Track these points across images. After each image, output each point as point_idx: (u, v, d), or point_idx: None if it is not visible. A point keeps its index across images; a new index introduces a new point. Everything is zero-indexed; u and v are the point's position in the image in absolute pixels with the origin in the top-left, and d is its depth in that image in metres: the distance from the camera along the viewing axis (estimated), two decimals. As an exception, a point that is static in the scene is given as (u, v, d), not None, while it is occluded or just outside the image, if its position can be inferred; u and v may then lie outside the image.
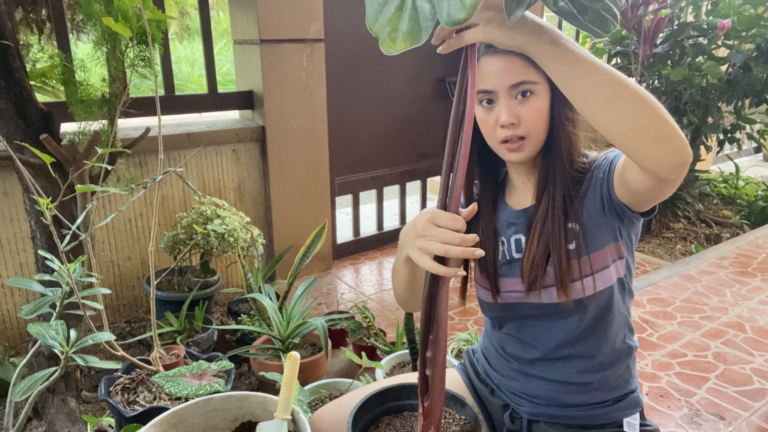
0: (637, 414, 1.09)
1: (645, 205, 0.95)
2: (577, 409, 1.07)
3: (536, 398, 1.10)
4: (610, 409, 1.07)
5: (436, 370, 0.81)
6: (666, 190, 0.88)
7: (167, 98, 2.50)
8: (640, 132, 0.77)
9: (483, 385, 1.20)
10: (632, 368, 1.11)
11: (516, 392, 1.13)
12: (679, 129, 0.78)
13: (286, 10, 2.57)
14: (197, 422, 1.13)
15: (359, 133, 3.15)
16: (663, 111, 0.77)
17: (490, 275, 1.09)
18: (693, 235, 3.71)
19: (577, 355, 1.06)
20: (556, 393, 1.08)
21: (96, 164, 1.52)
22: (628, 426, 1.07)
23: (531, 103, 0.96)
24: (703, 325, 2.45)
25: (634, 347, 1.11)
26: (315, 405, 1.70)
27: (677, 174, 0.81)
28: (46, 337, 1.22)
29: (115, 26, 1.39)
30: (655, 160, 0.79)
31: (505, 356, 1.14)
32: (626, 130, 0.77)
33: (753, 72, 3.54)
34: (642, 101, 0.76)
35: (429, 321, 0.83)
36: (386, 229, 3.48)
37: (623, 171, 0.91)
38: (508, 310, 1.09)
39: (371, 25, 0.73)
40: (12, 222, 2.14)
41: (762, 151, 6.06)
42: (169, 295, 2.23)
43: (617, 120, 0.77)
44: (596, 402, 1.07)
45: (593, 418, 1.07)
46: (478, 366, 1.23)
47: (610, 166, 0.96)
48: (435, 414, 0.83)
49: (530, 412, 1.10)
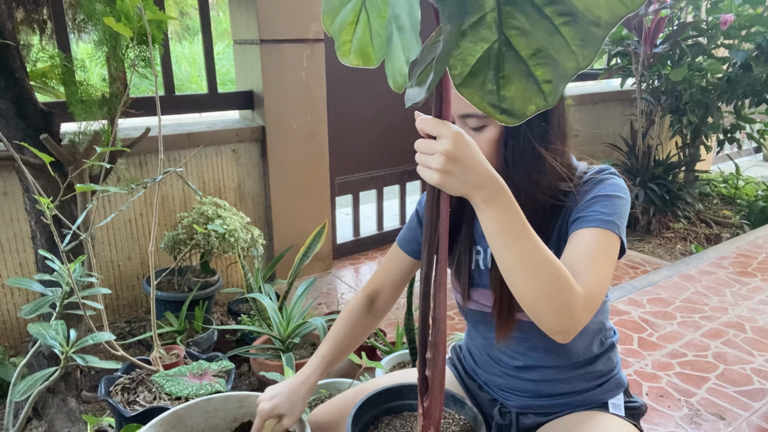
0: (621, 394, 1.13)
1: None
2: (563, 398, 1.11)
3: (522, 392, 1.13)
4: (594, 392, 1.11)
5: (435, 371, 0.81)
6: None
7: (167, 98, 2.50)
8: (541, 303, 0.81)
9: (471, 381, 1.23)
10: (614, 358, 1.15)
11: (503, 388, 1.15)
12: (578, 313, 0.83)
13: (286, 10, 2.57)
14: (197, 422, 1.13)
15: (359, 133, 3.15)
16: (569, 296, 0.82)
17: (463, 282, 1.11)
18: (693, 235, 3.71)
19: (558, 364, 1.09)
20: (540, 387, 1.11)
21: (96, 164, 1.52)
22: (613, 407, 1.11)
23: (483, 134, 0.95)
24: (703, 325, 2.45)
25: (614, 342, 1.15)
26: (315, 405, 1.70)
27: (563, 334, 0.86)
28: (46, 337, 1.22)
29: (116, 26, 1.40)
30: (547, 328, 0.84)
31: (490, 359, 1.16)
32: (528, 300, 0.82)
33: (753, 71, 3.54)
34: (550, 284, 0.80)
35: (427, 321, 0.83)
36: (386, 229, 3.48)
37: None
38: (482, 318, 1.12)
39: (327, 25, 0.72)
40: (12, 222, 2.14)
41: (762, 151, 6.06)
42: (169, 295, 2.23)
43: (521, 288, 0.81)
44: (580, 389, 1.11)
45: (579, 404, 1.11)
46: (465, 363, 1.26)
47: (571, 226, 0.97)
48: (435, 414, 0.83)
49: (518, 405, 1.13)
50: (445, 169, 0.72)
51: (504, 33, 0.58)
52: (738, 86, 3.61)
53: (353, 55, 0.70)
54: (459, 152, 0.72)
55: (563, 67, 0.58)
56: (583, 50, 0.57)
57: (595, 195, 0.96)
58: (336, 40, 0.72)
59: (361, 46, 0.69)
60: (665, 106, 3.79)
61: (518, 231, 0.78)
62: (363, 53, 0.69)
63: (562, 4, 0.56)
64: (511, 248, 0.79)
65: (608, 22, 0.55)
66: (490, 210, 0.77)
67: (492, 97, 0.60)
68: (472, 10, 0.58)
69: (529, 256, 0.79)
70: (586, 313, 0.84)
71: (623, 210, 0.96)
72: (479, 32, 0.58)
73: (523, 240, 0.79)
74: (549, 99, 0.59)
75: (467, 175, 0.74)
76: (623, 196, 0.97)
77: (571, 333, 0.84)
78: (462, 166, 0.73)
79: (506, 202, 0.78)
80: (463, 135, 0.73)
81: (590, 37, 0.56)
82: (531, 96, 0.59)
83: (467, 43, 0.59)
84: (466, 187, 0.75)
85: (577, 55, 0.57)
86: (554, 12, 0.56)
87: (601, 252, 0.91)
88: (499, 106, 0.60)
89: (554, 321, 0.82)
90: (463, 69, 0.60)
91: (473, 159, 0.74)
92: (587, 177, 1.00)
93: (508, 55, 0.58)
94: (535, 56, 0.58)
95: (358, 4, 0.68)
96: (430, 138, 0.74)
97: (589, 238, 0.92)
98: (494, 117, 0.61)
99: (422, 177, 0.75)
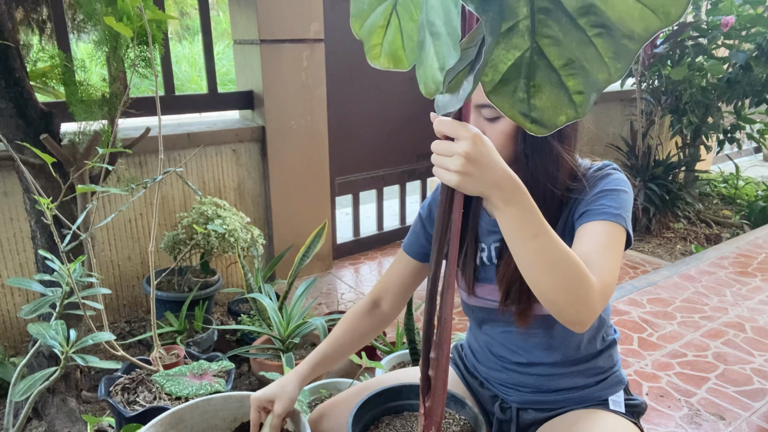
0: (621, 392, 1.14)
1: None
2: (563, 393, 1.12)
3: (523, 387, 1.14)
4: (595, 389, 1.12)
5: (439, 371, 0.81)
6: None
7: (167, 98, 2.50)
8: (560, 296, 0.83)
9: (473, 378, 1.24)
10: (615, 355, 1.16)
11: (503, 383, 1.16)
12: (595, 303, 0.85)
13: (286, 10, 2.57)
14: (197, 422, 1.13)
15: (359, 133, 3.15)
16: (586, 287, 0.83)
17: (468, 278, 1.12)
18: (693, 235, 3.71)
19: (560, 359, 1.10)
20: (541, 381, 1.12)
21: (96, 164, 1.52)
22: (614, 404, 1.12)
23: (498, 126, 0.97)
24: (703, 325, 2.45)
25: (615, 340, 1.16)
26: (315, 405, 1.70)
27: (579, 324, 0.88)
28: (46, 337, 1.22)
29: (116, 26, 1.40)
30: (566, 320, 0.87)
31: (492, 355, 1.18)
32: (547, 294, 0.83)
33: (754, 71, 3.54)
34: (568, 278, 0.82)
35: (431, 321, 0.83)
36: (386, 229, 3.48)
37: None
38: (487, 314, 1.13)
39: (356, 29, 0.71)
40: (12, 222, 2.14)
41: (762, 151, 6.06)
42: (169, 295, 2.23)
43: (541, 283, 0.83)
44: (581, 386, 1.12)
45: (579, 400, 1.12)
46: (467, 361, 1.27)
47: (578, 220, 0.99)
48: (436, 414, 0.83)
49: (518, 400, 1.14)
50: (464, 171, 0.72)
51: (536, 41, 0.57)
52: (738, 86, 3.61)
53: (384, 58, 0.69)
54: (478, 154, 0.72)
55: (595, 78, 0.57)
56: (615, 63, 0.56)
57: (601, 189, 0.99)
58: (365, 43, 0.71)
59: (393, 49, 0.68)
60: (665, 106, 3.79)
61: (536, 228, 0.79)
62: (394, 56, 0.68)
63: (596, 15, 0.55)
64: (530, 246, 0.80)
65: (642, 36, 0.54)
66: (508, 209, 0.78)
67: (522, 105, 0.59)
68: (507, 17, 0.57)
69: (547, 252, 0.80)
70: (602, 303, 0.87)
71: (628, 204, 1.00)
72: (512, 39, 0.58)
73: (541, 237, 0.79)
74: (580, 110, 0.58)
75: (485, 176, 0.74)
76: (627, 190, 1.01)
77: (588, 322, 0.87)
78: (480, 167, 0.73)
79: (524, 200, 0.78)
80: (481, 137, 0.73)
81: (623, 50, 0.55)
82: (562, 106, 0.59)
83: (499, 50, 0.58)
84: (485, 187, 0.75)
85: (609, 68, 0.56)
86: (588, 23, 0.55)
87: (612, 243, 0.94)
88: (529, 115, 0.60)
89: (573, 312, 0.84)
90: (494, 76, 0.59)
91: (492, 160, 0.74)
92: (591, 172, 1.04)
93: (540, 63, 0.58)
94: (567, 66, 0.57)
95: (388, 8, 0.67)
96: (447, 139, 0.74)
97: (600, 230, 0.95)
98: (524, 126, 0.60)
99: (439, 178, 0.75)
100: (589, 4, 0.55)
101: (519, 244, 0.81)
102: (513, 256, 0.84)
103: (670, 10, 0.53)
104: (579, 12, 0.55)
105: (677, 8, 0.52)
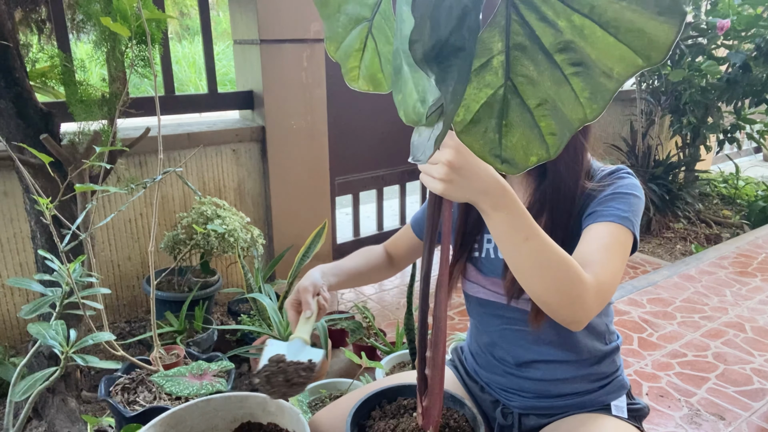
0: (623, 396, 1.13)
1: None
2: (565, 399, 1.11)
3: (525, 392, 1.13)
4: (597, 394, 1.11)
5: (435, 370, 0.81)
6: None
7: (167, 98, 2.50)
8: (552, 297, 0.84)
9: (473, 382, 1.23)
10: (617, 360, 1.16)
11: (505, 388, 1.15)
12: (590, 303, 0.85)
13: (286, 10, 2.57)
14: (197, 423, 1.13)
15: (359, 133, 3.15)
16: (580, 288, 0.83)
17: (475, 271, 1.12)
18: (693, 235, 3.71)
19: (562, 360, 1.10)
20: (543, 387, 1.11)
21: (96, 164, 1.52)
22: (616, 408, 1.11)
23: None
24: (703, 325, 2.45)
25: (618, 345, 1.16)
26: (315, 405, 1.70)
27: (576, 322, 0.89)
28: (46, 337, 1.22)
29: (113, 26, 1.40)
30: (560, 319, 0.87)
31: (493, 359, 1.16)
32: (540, 295, 0.84)
33: (753, 72, 3.54)
34: (560, 279, 0.82)
35: (426, 321, 0.83)
36: (386, 229, 3.48)
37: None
38: (495, 307, 1.11)
39: (331, 51, 0.68)
40: (12, 222, 2.14)
41: (762, 151, 6.06)
42: (169, 295, 2.23)
43: (533, 285, 0.83)
44: (583, 391, 1.11)
45: (582, 405, 1.11)
46: (467, 364, 1.26)
47: (585, 219, 1.00)
48: (433, 413, 0.83)
49: (520, 405, 1.13)
50: (448, 179, 0.72)
51: (511, 79, 0.55)
52: (738, 86, 3.61)
53: (362, 81, 0.68)
54: (462, 161, 0.72)
55: (569, 119, 0.55)
56: (591, 103, 0.54)
57: (612, 192, 0.99)
58: (342, 66, 0.70)
59: (371, 72, 0.67)
60: (665, 106, 3.79)
61: (526, 232, 0.79)
62: (373, 79, 0.67)
63: (574, 51, 0.53)
64: (521, 249, 0.80)
65: (621, 75, 0.52)
66: (497, 215, 0.78)
67: (494, 146, 0.58)
68: (479, 54, 0.54)
69: (538, 255, 0.80)
70: (598, 303, 0.87)
71: (638, 208, 1.00)
72: (484, 77, 0.56)
73: (531, 240, 0.80)
74: (551, 151, 0.57)
75: (471, 183, 0.74)
76: (639, 195, 1.01)
77: (584, 321, 0.87)
78: (465, 174, 0.73)
79: (512, 204, 0.78)
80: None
81: (600, 90, 0.53)
82: (533, 147, 0.57)
83: (471, 89, 0.56)
84: (471, 194, 0.75)
85: (585, 108, 0.54)
86: (565, 60, 0.53)
87: (615, 245, 0.94)
88: (500, 155, 0.59)
89: (567, 313, 0.85)
90: (465, 116, 0.58)
91: (477, 166, 0.74)
92: (603, 174, 1.04)
93: (513, 102, 0.56)
94: (540, 106, 0.56)
95: (364, 31, 0.66)
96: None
97: (604, 231, 0.95)
98: (494, 166, 0.59)
99: (426, 185, 0.75)
100: (568, 40, 0.53)
101: (509, 248, 0.81)
102: (505, 259, 0.84)
103: (651, 54, 0.51)
104: (556, 48, 0.53)
105: (658, 53, 0.51)
